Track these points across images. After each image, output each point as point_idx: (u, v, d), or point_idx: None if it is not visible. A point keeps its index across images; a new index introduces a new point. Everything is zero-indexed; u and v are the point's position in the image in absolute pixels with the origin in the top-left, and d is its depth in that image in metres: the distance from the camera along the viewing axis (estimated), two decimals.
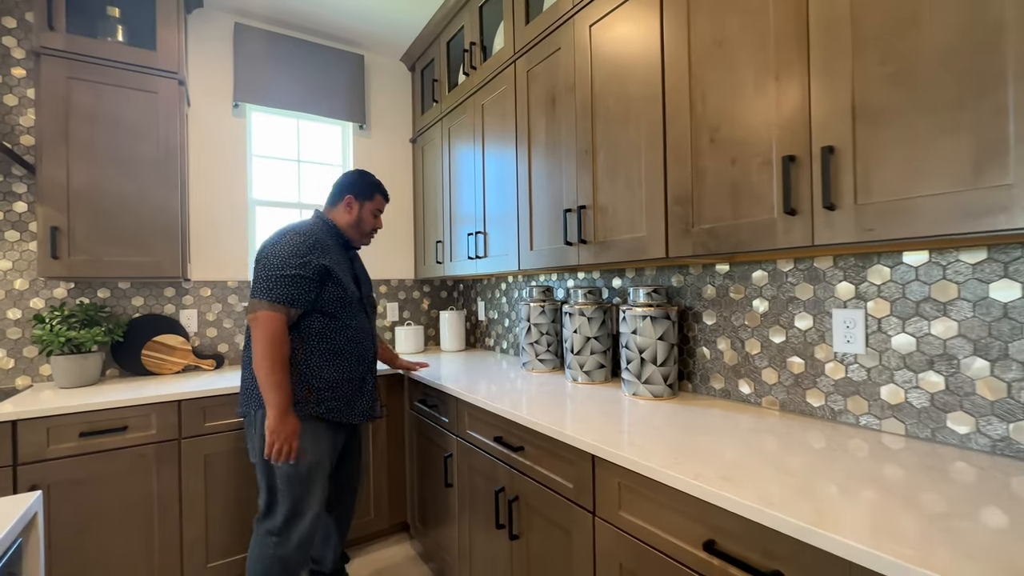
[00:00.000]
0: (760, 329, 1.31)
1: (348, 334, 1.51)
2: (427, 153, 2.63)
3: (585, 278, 1.95)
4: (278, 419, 1.34)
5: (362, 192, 1.62)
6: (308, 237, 1.45)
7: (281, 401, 1.34)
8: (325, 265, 1.43)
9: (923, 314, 1.01)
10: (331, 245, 1.52)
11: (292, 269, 1.38)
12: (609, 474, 1.03)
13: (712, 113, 1.12)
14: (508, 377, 1.83)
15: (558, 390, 1.58)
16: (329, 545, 1.70)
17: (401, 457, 2.17)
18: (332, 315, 1.47)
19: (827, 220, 0.91)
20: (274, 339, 1.34)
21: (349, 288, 1.50)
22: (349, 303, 1.51)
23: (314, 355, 1.45)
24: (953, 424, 0.98)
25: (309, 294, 1.41)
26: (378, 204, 1.65)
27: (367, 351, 1.58)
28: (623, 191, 1.37)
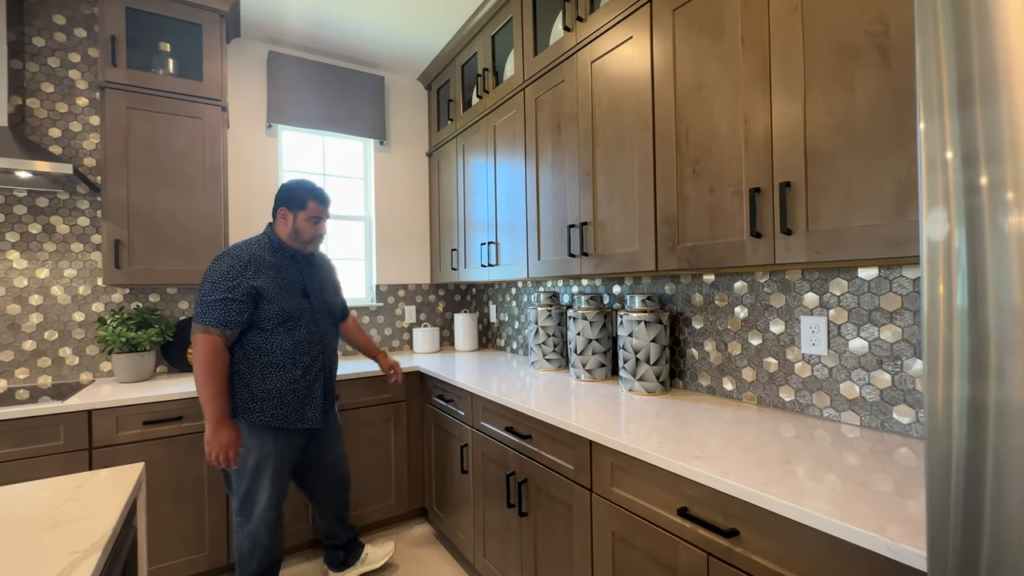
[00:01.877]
0: (741, 333, 1.49)
1: (288, 347, 1.58)
2: (443, 167, 2.83)
3: (588, 285, 2.14)
4: (211, 431, 1.47)
5: (294, 202, 1.62)
6: (240, 259, 1.53)
7: (213, 414, 1.46)
8: (255, 286, 1.51)
9: (874, 321, 1.18)
10: (269, 262, 1.58)
11: (220, 293, 1.48)
12: (604, 456, 1.21)
13: (694, 147, 1.30)
14: (518, 375, 2.02)
15: (563, 387, 1.76)
16: (334, 523, 1.88)
17: (420, 448, 2.37)
18: (270, 331, 1.55)
19: (785, 243, 1.09)
20: (207, 359, 1.45)
21: (288, 303, 1.57)
22: (289, 317, 1.57)
23: (256, 368, 1.55)
24: (898, 415, 1.14)
25: (240, 315, 1.50)
26: (313, 211, 1.62)
27: (314, 361, 1.64)
28: (619, 210, 1.55)
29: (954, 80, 0.56)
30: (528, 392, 1.68)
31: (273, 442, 1.58)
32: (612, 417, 1.34)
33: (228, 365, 1.51)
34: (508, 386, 1.79)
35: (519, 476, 1.55)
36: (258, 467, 1.57)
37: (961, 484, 0.55)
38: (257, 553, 1.60)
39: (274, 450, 1.59)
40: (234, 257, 1.53)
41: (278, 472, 1.60)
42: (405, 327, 2.93)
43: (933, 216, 0.58)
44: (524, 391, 1.69)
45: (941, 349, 0.57)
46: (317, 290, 1.70)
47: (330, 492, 1.85)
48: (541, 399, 1.57)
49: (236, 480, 1.59)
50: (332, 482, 1.85)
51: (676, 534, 1.02)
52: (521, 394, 1.64)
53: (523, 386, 1.78)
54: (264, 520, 1.59)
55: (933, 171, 0.57)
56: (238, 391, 1.54)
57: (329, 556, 1.92)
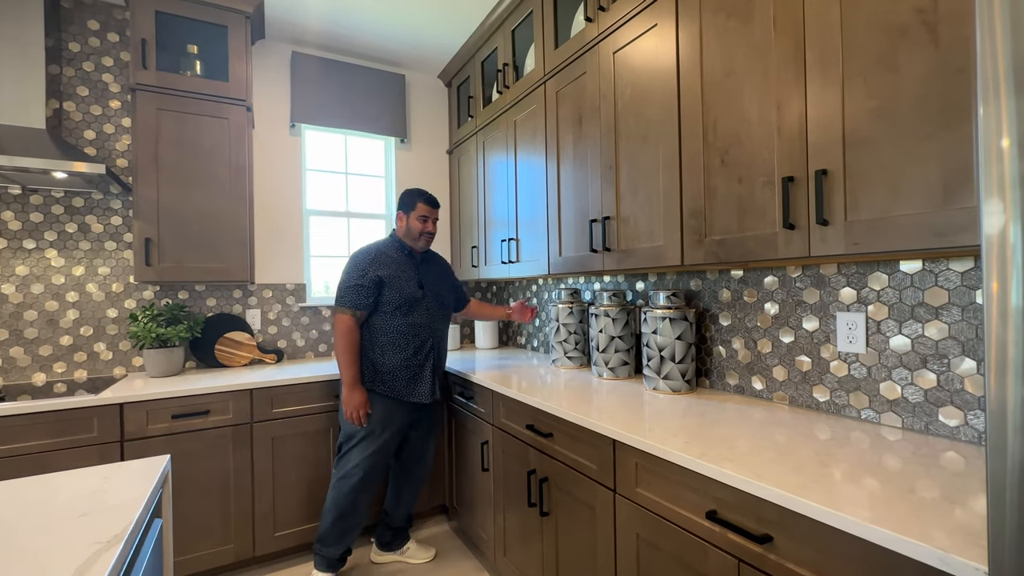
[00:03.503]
0: (771, 330, 1.43)
1: (404, 329, 1.84)
2: (463, 164, 2.82)
3: (610, 281, 2.09)
4: (346, 392, 1.78)
5: (405, 204, 1.92)
6: (369, 254, 1.85)
7: (348, 379, 1.77)
8: (380, 275, 1.81)
9: (917, 317, 1.11)
10: (393, 257, 1.87)
11: (354, 280, 1.80)
12: (628, 456, 1.18)
13: (722, 137, 1.25)
14: (539, 373, 1.99)
15: (584, 384, 1.73)
16: (399, 505, 2.03)
17: (441, 445, 2.37)
18: (389, 314, 1.83)
19: (821, 234, 1.03)
20: (342, 334, 1.77)
21: (405, 291, 1.83)
22: (405, 303, 1.83)
23: (377, 346, 1.83)
24: (944, 418, 1.07)
25: (368, 299, 1.80)
26: (421, 211, 1.90)
27: (425, 342, 1.87)
28: (643, 204, 1.51)
29: (1010, 63, 0.51)
30: (549, 390, 1.65)
31: (383, 409, 1.82)
32: (636, 416, 1.30)
33: (359, 341, 1.80)
34: (529, 384, 1.76)
35: (540, 475, 1.53)
36: (368, 429, 1.80)
37: (1016, 493, 0.51)
38: (333, 511, 1.79)
39: (383, 416, 1.81)
40: (365, 252, 1.85)
41: (380, 437, 1.81)
42: None
43: (988, 208, 0.53)
44: (545, 389, 1.67)
45: (994, 348, 0.53)
46: (431, 283, 1.95)
47: (410, 477, 2.04)
48: (562, 397, 1.54)
49: (344, 440, 1.83)
50: (415, 468, 2.04)
51: (705, 538, 0.98)
52: (542, 392, 1.62)
53: (544, 384, 1.76)
54: (350, 477, 1.78)
55: (988, 159, 0.53)
56: (364, 364, 1.82)
57: (379, 532, 2.06)
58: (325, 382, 2.09)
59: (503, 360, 2.37)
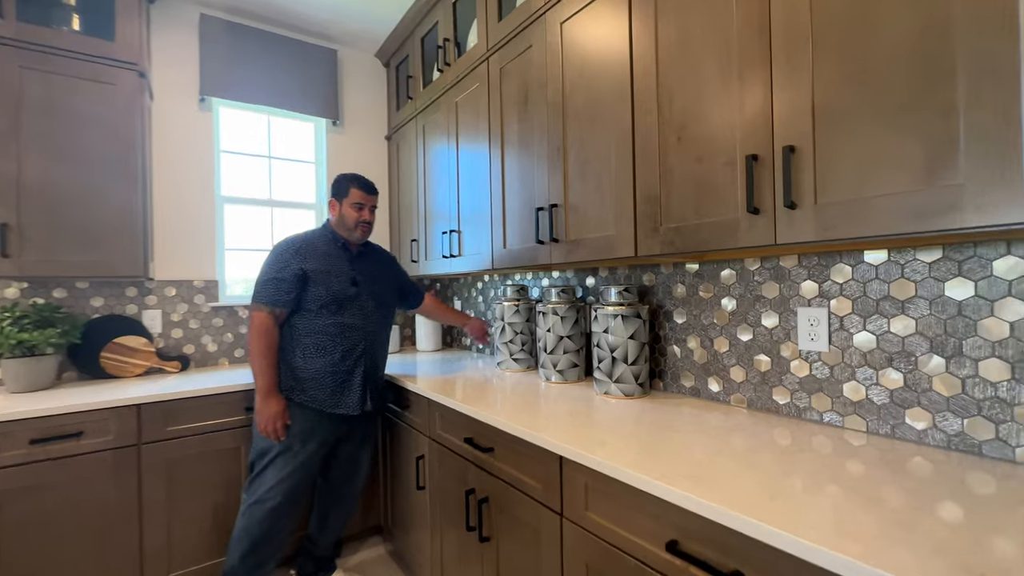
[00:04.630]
0: (728, 327, 1.32)
1: (331, 330, 1.60)
2: (402, 151, 2.59)
3: (559, 277, 1.95)
4: (260, 401, 1.53)
5: (337, 191, 1.69)
6: (292, 244, 1.61)
7: (262, 386, 1.52)
8: (304, 269, 1.57)
9: (883, 312, 1.03)
10: (322, 249, 1.64)
11: (272, 274, 1.56)
12: (576, 475, 1.02)
13: (679, 112, 1.12)
14: (482, 377, 1.81)
15: (531, 390, 1.57)
16: (325, 530, 1.80)
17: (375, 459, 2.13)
18: (314, 312, 1.59)
19: (788, 219, 0.92)
20: (258, 334, 1.52)
21: (335, 287, 1.60)
22: (334, 301, 1.59)
23: (299, 349, 1.59)
24: (911, 420, 0.99)
25: (288, 294, 1.56)
26: (356, 198, 1.66)
27: (355, 346, 1.64)
28: (593, 190, 1.36)
29: None
30: (492, 397, 1.47)
31: (304, 421, 1.57)
32: (586, 426, 1.15)
33: (277, 343, 1.56)
34: (470, 390, 1.58)
35: (480, 494, 1.35)
36: (285, 444, 1.55)
37: None
38: (243, 542, 1.53)
39: (303, 430, 1.57)
40: (289, 242, 1.61)
41: (299, 453, 1.57)
42: None
43: None
44: (487, 395, 1.49)
45: None
46: (368, 279, 1.71)
47: (339, 498, 1.79)
48: (505, 405, 1.36)
49: (257, 454, 1.57)
50: (344, 488, 1.79)
51: (664, 573, 0.83)
52: (483, 399, 1.44)
53: (487, 390, 1.58)
54: (264, 502, 1.52)
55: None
56: (283, 370, 1.58)
57: (300, 562, 1.82)
58: (238, 392, 1.81)
59: (445, 364, 2.17)
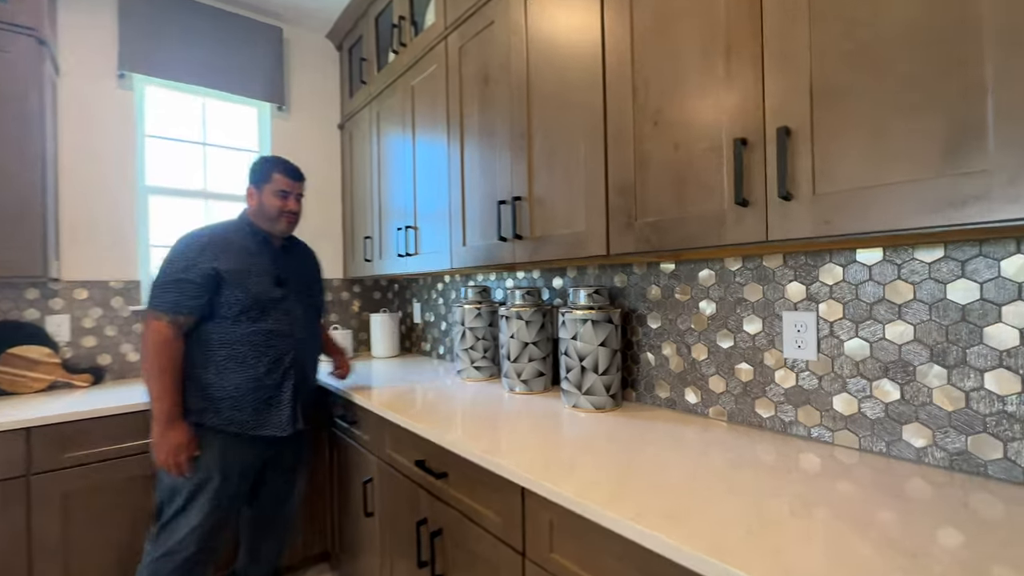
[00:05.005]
0: (707, 333, 1.21)
1: (253, 339, 1.35)
2: (355, 140, 2.39)
3: (525, 278, 1.80)
4: (159, 432, 1.25)
5: (257, 176, 1.45)
6: (199, 239, 1.33)
7: (162, 412, 1.25)
8: (216, 268, 1.30)
9: (877, 317, 0.93)
10: (238, 243, 1.38)
11: (174, 274, 1.29)
12: (540, 509, 0.87)
13: (656, 93, 1.00)
14: (441, 387, 1.64)
15: (493, 402, 1.41)
16: (257, 564, 1.56)
17: (322, 480, 1.93)
18: (231, 320, 1.33)
19: (783, 212, 0.80)
20: (156, 348, 1.25)
21: (255, 289, 1.35)
22: (256, 306, 1.35)
23: (212, 363, 1.32)
24: (909, 437, 0.90)
25: (195, 299, 1.29)
26: (279, 184, 1.42)
27: (282, 357, 1.40)
28: (561, 181, 1.22)
29: None
30: (447, 411, 1.31)
31: (220, 450, 1.32)
32: (551, 446, 1.00)
33: (181, 357, 1.30)
34: (424, 403, 1.41)
35: (432, 525, 1.18)
36: (197, 482, 1.29)
37: None
38: None
39: (219, 460, 1.31)
40: (195, 236, 1.34)
41: (218, 490, 1.31)
42: None
43: None
44: (442, 409, 1.32)
45: None
46: (296, 279, 1.48)
47: (270, 529, 1.54)
48: (462, 421, 1.21)
49: (165, 497, 1.30)
50: (276, 516, 1.54)
51: None
52: (438, 414, 1.27)
53: (443, 402, 1.41)
54: (175, 554, 1.26)
55: None
56: (189, 388, 1.31)
57: None
58: None
59: (403, 371, 1.98)
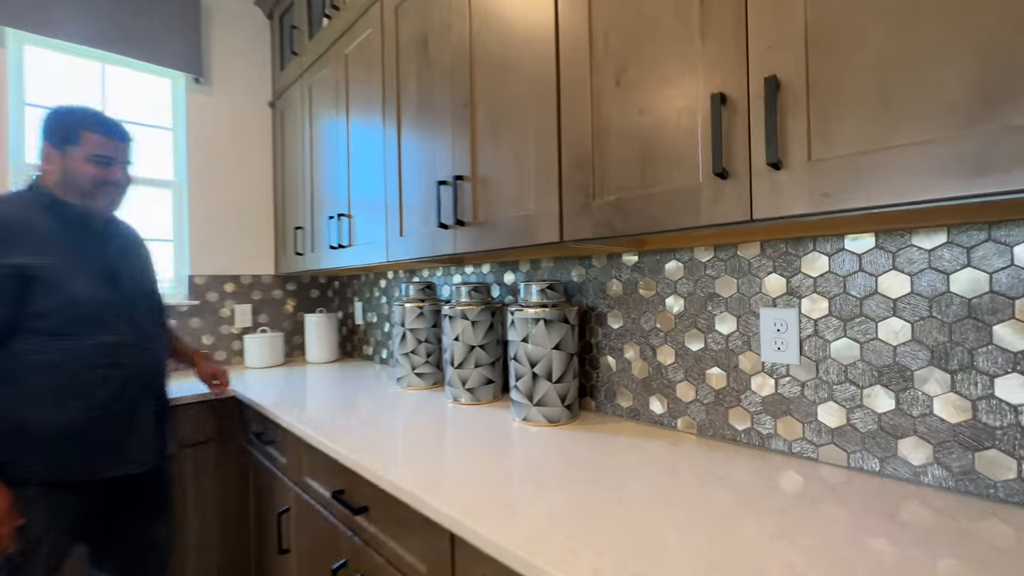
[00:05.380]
0: (675, 334, 1.06)
1: (91, 356, 1.02)
2: (287, 119, 2.13)
3: (474, 272, 1.62)
4: None
5: (59, 134, 1.03)
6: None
7: None
8: (18, 265, 0.95)
9: (869, 313, 0.80)
10: (42, 229, 1.00)
11: None
12: (474, 561, 0.69)
13: (617, 49, 0.83)
14: (377, 397, 1.43)
15: (433, 415, 1.21)
16: None
17: (236, 510, 1.67)
18: (54, 333, 0.98)
19: (771, 184, 0.65)
20: None
21: (81, 291, 1.01)
22: (84, 313, 1.01)
23: (27, 394, 0.97)
24: (906, 453, 0.77)
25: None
26: (94, 146, 1.03)
27: (131, 373, 1.08)
28: (507, 156, 1.05)
29: None
30: (379, 426, 1.10)
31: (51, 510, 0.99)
32: (493, 474, 0.82)
33: None
34: (354, 417, 1.19)
35: (352, 569, 0.98)
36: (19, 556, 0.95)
37: None
38: None
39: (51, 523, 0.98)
40: None
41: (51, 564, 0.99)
42: (235, 333, 2.17)
43: None
44: (372, 426, 1.11)
45: None
46: (130, 275, 1.13)
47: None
48: (392, 441, 1.00)
49: None
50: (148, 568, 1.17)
51: None
52: (366, 431, 1.06)
53: (375, 416, 1.20)
54: None
55: None
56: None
57: None
58: None
59: (338, 379, 1.75)
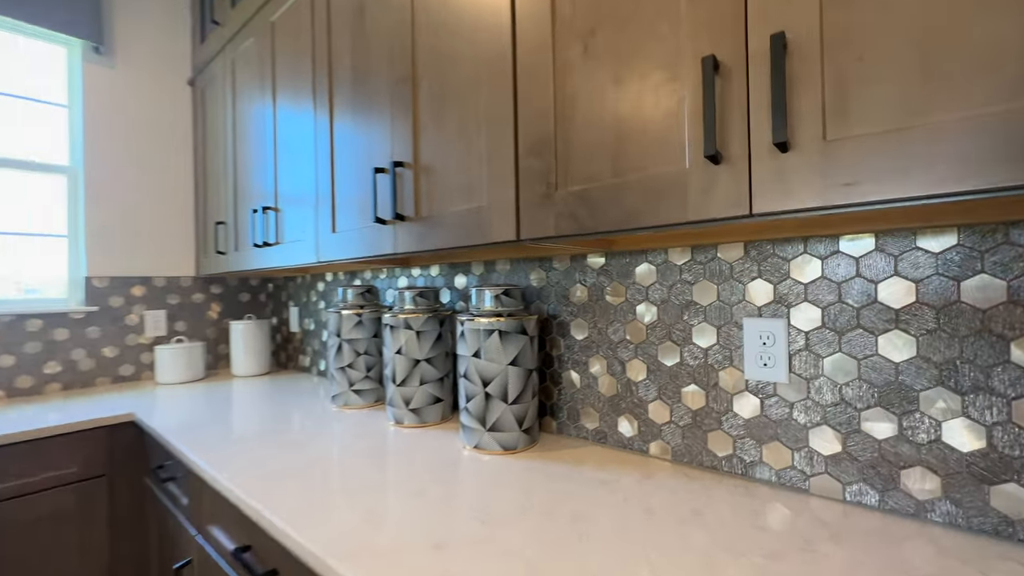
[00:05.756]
0: (646, 346, 0.94)
1: None
2: (209, 100, 1.87)
3: (422, 275, 1.44)
4: None
5: None
6: None
7: None
8: None
9: (867, 325, 0.70)
10: None
11: None
12: None
13: (584, 10, 0.69)
14: (308, 418, 1.22)
15: (371, 443, 1.03)
16: None
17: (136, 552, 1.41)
18: None
19: (776, 169, 0.52)
20: None
21: None
22: None
23: None
24: (910, 485, 0.67)
25: None
26: None
27: None
28: (455, 138, 0.89)
29: None
30: (303, 458, 0.91)
31: None
32: (438, 523, 0.66)
33: None
34: (273, 446, 0.99)
35: None
36: None
37: None
38: None
39: None
40: None
41: None
42: (145, 344, 1.89)
43: None
44: (296, 456, 0.92)
45: None
46: None
47: None
48: (315, 478, 0.82)
49: None
50: None
51: None
52: (287, 464, 0.87)
53: (300, 444, 1.01)
54: None
55: None
56: None
57: None
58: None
59: (265, 397, 1.52)
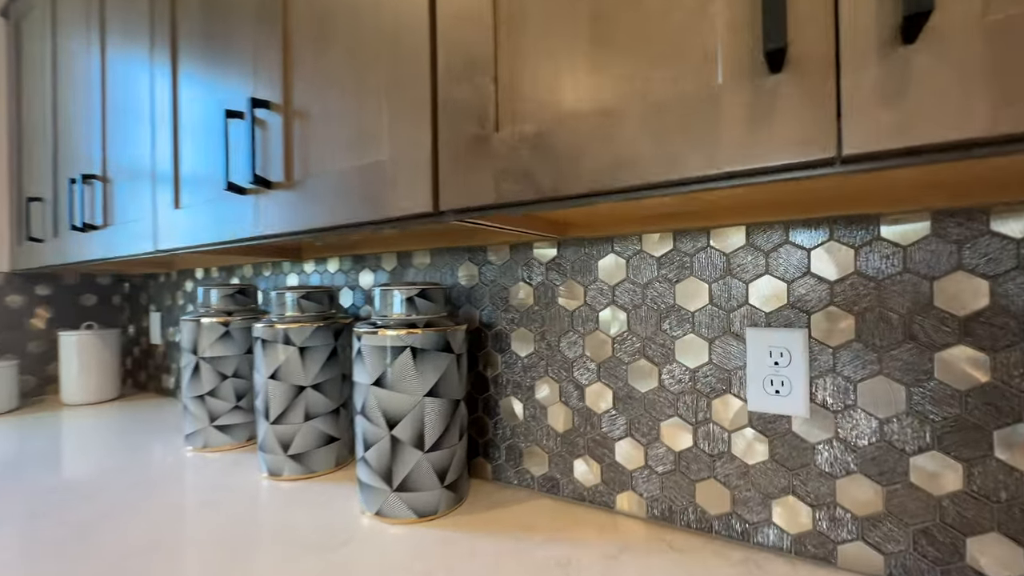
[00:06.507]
0: (612, 366, 0.70)
1: None
2: (26, 36, 1.39)
3: (317, 271, 1.11)
4: None
5: None
6: None
7: None
8: None
9: (918, 337, 0.51)
10: None
11: None
12: None
13: None
14: (150, 470, 0.85)
15: (231, 510, 0.70)
16: None
17: None
18: None
19: (891, 74, 0.30)
20: None
21: None
22: None
23: None
24: (978, 555, 0.49)
25: None
26: None
27: None
28: (342, 68, 0.59)
29: None
30: (129, 539, 0.56)
31: None
32: None
33: None
34: (70, 523, 0.63)
35: None
36: None
37: None
38: None
39: None
40: None
41: None
42: None
43: None
44: (113, 540, 0.57)
45: None
46: None
47: None
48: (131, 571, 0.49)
49: None
50: None
51: None
52: (97, 555, 0.53)
53: (128, 514, 0.65)
54: None
55: None
56: None
57: None
58: None
59: (102, 434, 1.10)
